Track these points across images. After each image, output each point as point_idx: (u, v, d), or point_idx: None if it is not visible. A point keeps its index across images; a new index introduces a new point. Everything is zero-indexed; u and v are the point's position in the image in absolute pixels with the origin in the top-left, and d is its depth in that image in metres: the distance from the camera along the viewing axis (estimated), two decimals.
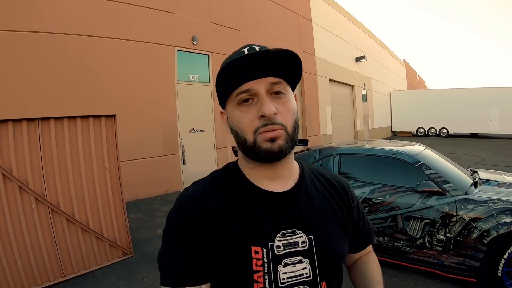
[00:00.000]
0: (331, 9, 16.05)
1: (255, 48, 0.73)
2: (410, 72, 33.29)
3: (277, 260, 0.72)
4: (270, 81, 0.73)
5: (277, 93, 0.74)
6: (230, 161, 0.87)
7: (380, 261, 1.02)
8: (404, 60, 31.47)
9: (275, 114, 0.70)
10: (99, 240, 3.68)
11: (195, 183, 0.84)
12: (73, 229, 3.49)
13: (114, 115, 3.85)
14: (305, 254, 0.75)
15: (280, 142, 0.71)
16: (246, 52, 0.72)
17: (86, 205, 3.58)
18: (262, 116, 0.70)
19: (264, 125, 0.70)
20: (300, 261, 0.74)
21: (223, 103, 0.81)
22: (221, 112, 0.85)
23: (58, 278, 3.34)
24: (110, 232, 3.79)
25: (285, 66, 0.74)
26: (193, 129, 8.19)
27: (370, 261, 1.00)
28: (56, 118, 3.40)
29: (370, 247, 1.04)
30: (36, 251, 3.20)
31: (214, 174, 0.86)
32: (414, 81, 34.52)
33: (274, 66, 0.72)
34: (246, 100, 0.73)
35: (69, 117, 3.50)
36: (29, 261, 3.15)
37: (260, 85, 0.72)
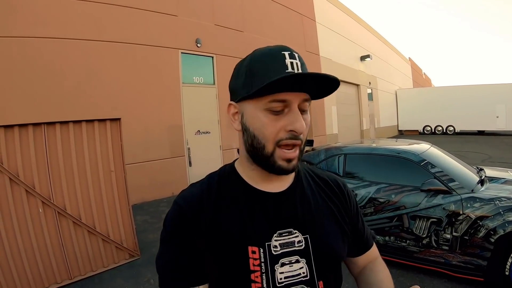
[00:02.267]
0: (335, 9, 16.01)
1: (294, 55, 0.70)
2: (416, 70, 33.09)
3: (274, 259, 0.73)
4: (304, 98, 0.72)
5: (304, 110, 0.74)
6: None
7: (386, 260, 0.99)
8: (409, 58, 31.28)
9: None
10: (105, 242, 3.71)
11: (192, 185, 0.85)
12: (80, 232, 3.52)
13: (119, 119, 3.88)
14: (302, 253, 0.75)
15: (295, 162, 0.73)
16: (286, 56, 0.69)
17: (93, 208, 3.61)
18: (291, 131, 0.70)
19: (289, 138, 0.70)
20: (297, 261, 0.74)
21: (241, 96, 0.75)
22: (231, 104, 0.80)
23: (65, 280, 3.38)
24: (116, 235, 3.81)
25: (322, 91, 0.74)
26: (199, 131, 8.21)
27: (378, 269, 0.96)
28: (61, 123, 3.44)
29: (375, 253, 1.01)
30: (43, 254, 3.24)
31: (210, 176, 0.86)
32: (420, 79, 34.31)
33: (313, 87, 0.71)
34: (278, 109, 0.70)
35: (75, 121, 3.53)
36: (36, 264, 3.18)
37: (296, 99, 0.70)
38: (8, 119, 3.97)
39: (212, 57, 8.60)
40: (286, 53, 0.70)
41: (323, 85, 0.72)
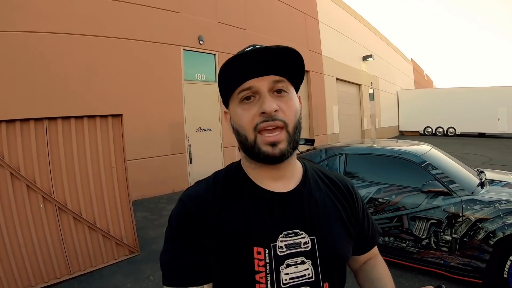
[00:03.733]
0: (338, 8, 15.98)
1: (256, 45, 0.73)
2: (418, 71, 33.02)
3: (280, 260, 0.72)
4: (273, 79, 0.73)
5: (280, 91, 0.74)
6: (236, 160, 0.87)
7: (385, 261, 1.00)
8: (411, 59, 31.22)
9: (276, 111, 0.70)
10: (105, 238, 3.72)
11: (198, 183, 0.84)
12: (80, 228, 3.52)
13: (121, 115, 3.87)
14: (308, 255, 0.74)
15: (282, 146, 0.72)
16: (247, 49, 0.72)
17: (93, 204, 3.62)
18: (263, 113, 0.70)
19: (264, 121, 0.70)
20: (303, 262, 0.74)
21: (226, 102, 0.81)
22: (225, 112, 0.85)
23: (65, 275, 3.38)
24: (116, 231, 3.82)
25: (288, 65, 0.74)
26: (200, 128, 8.22)
27: (379, 265, 0.98)
28: (63, 118, 3.44)
29: (376, 250, 1.02)
30: (43, 249, 3.25)
31: (216, 174, 0.86)
32: (421, 80, 34.24)
33: (276, 64, 0.72)
34: (248, 98, 0.73)
35: (76, 117, 3.53)
36: (36, 259, 3.19)
37: (262, 83, 0.72)
38: (10, 113, 3.98)
39: (215, 54, 8.59)
40: (249, 48, 0.73)
41: (287, 61, 0.73)
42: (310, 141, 4.96)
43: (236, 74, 0.73)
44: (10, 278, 3.02)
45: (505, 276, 2.78)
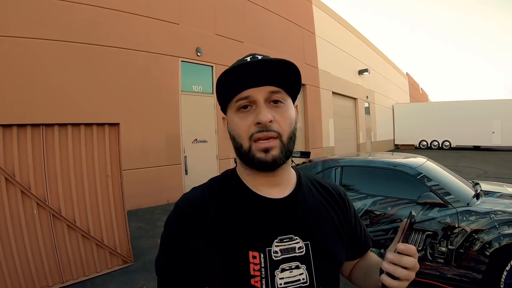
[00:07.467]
0: (335, 23, 16.20)
1: (257, 57, 0.75)
2: (413, 85, 33.35)
3: (274, 265, 0.73)
4: (270, 90, 0.75)
5: (276, 102, 0.76)
6: None
7: None
8: (406, 73, 31.56)
9: (271, 121, 0.72)
10: (99, 247, 3.68)
11: (194, 189, 0.86)
12: (74, 236, 3.49)
13: (118, 124, 3.88)
14: (302, 259, 0.75)
15: (274, 152, 0.73)
16: (248, 60, 0.74)
17: (88, 212, 3.59)
18: (258, 123, 0.72)
19: (259, 131, 0.72)
20: (297, 267, 0.74)
21: (224, 108, 0.83)
22: (223, 117, 0.87)
23: (57, 284, 3.33)
24: (110, 240, 3.78)
25: (285, 77, 0.76)
26: (196, 139, 8.22)
27: (369, 255, 1.00)
28: (60, 125, 3.44)
29: (368, 252, 1.03)
30: (36, 256, 3.21)
31: (212, 180, 0.87)
32: (416, 94, 34.57)
33: (274, 76, 0.74)
34: (245, 107, 0.75)
35: (73, 124, 3.54)
36: (28, 266, 3.15)
37: (259, 93, 0.74)
38: (7, 118, 3.97)
39: (212, 66, 8.66)
40: (248, 58, 0.76)
41: (284, 73, 0.75)
42: (306, 154, 4.98)
43: (234, 83, 0.74)
44: (1, 285, 2.97)
45: (502, 286, 2.77)
